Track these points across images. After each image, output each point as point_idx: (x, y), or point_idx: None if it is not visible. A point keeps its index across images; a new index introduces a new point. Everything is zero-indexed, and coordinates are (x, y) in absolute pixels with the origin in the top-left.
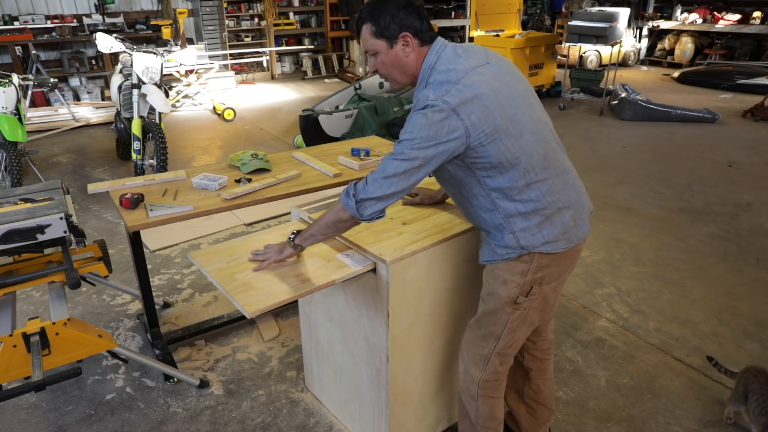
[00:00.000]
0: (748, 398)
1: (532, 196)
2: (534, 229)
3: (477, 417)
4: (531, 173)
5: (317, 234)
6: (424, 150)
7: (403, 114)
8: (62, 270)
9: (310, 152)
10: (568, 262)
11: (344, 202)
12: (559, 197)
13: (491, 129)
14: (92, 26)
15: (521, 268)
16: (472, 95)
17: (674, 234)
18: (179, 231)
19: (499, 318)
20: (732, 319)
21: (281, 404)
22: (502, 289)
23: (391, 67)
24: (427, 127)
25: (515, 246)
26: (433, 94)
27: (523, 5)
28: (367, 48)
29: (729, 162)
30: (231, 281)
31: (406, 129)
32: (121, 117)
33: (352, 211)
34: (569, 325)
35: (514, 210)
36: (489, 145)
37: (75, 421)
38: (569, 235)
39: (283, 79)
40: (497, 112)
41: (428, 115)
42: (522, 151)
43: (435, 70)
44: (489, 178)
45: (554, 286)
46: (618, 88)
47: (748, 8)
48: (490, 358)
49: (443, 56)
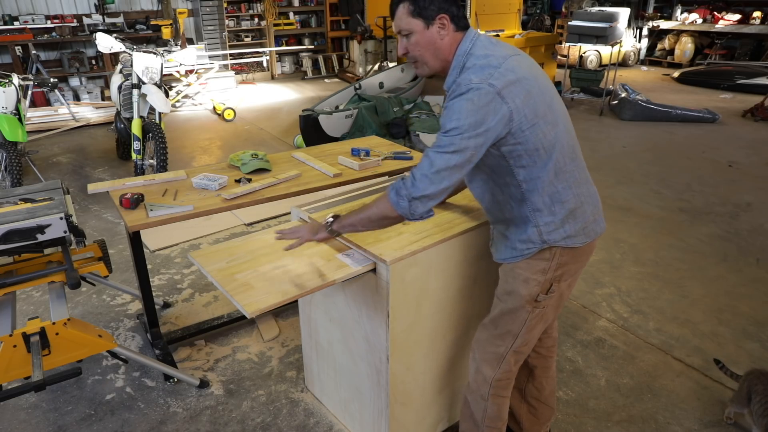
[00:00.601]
0: (752, 400)
1: (560, 188)
2: (558, 224)
3: (484, 417)
4: (561, 163)
5: (358, 225)
6: (474, 138)
7: (403, 114)
8: (62, 270)
9: (310, 152)
10: (585, 258)
11: (394, 201)
12: (582, 191)
13: (532, 114)
14: (92, 26)
15: (542, 266)
16: (515, 78)
17: (674, 234)
18: (179, 231)
19: (518, 317)
20: (732, 319)
21: (281, 404)
22: (524, 288)
23: (424, 48)
24: (474, 112)
25: (537, 240)
26: (477, 77)
27: (523, 5)
28: (402, 27)
29: (729, 162)
30: (231, 281)
31: (449, 117)
32: (121, 117)
33: (403, 210)
34: (569, 325)
35: (541, 203)
36: (528, 130)
37: (75, 421)
38: (588, 229)
39: (283, 79)
40: (538, 97)
41: (474, 99)
42: (557, 139)
43: (472, 55)
44: (522, 168)
45: (569, 283)
46: (618, 88)
47: (748, 8)
48: (505, 356)
49: (478, 43)
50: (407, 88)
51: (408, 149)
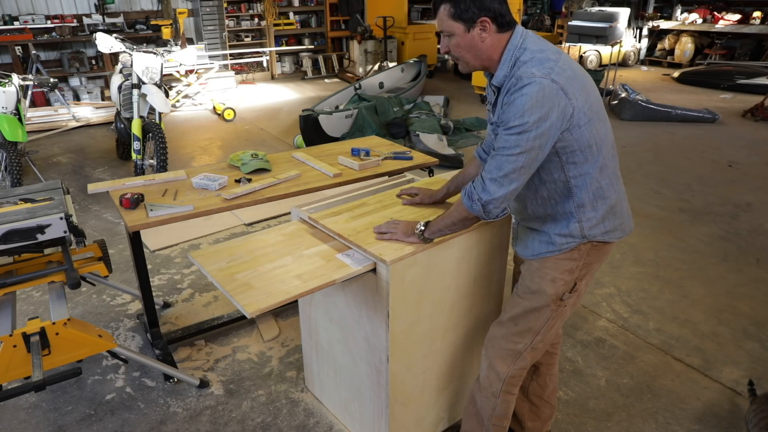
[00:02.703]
0: (749, 407)
1: (603, 184)
2: (599, 219)
3: (491, 415)
4: (607, 159)
5: (445, 230)
6: (540, 138)
7: (403, 114)
8: (62, 270)
9: (310, 152)
10: (606, 257)
11: (468, 206)
12: (619, 187)
13: (590, 110)
14: (92, 26)
15: (570, 266)
16: (572, 74)
17: (674, 234)
18: (179, 231)
19: (542, 315)
20: (732, 319)
21: (281, 404)
22: (551, 287)
23: (465, 50)
24: (539, 108)
25: (578, 235)
26: (539, 71)
27: (523, 5)
28: (443, 29)
29: (729, 162)
30: (231, 281)
31: (513, 113)
32: (121, 117)
33: (478, 213)
34: (569, 325)
35: (586, 199)
36: (585, 126)
37: (75, 421)
38: (624, 225)
39: (283, 79)
40: (592, 93)
41: (537, 95)
42: (606, 135)
43: (526, 49)
44: (573, 164)
45: (587, 281)
46: (618, 88)
47: (748, 8)
48: (523, 353)
49: (529, 38)
50: (407, 88)
51: (408, 149)
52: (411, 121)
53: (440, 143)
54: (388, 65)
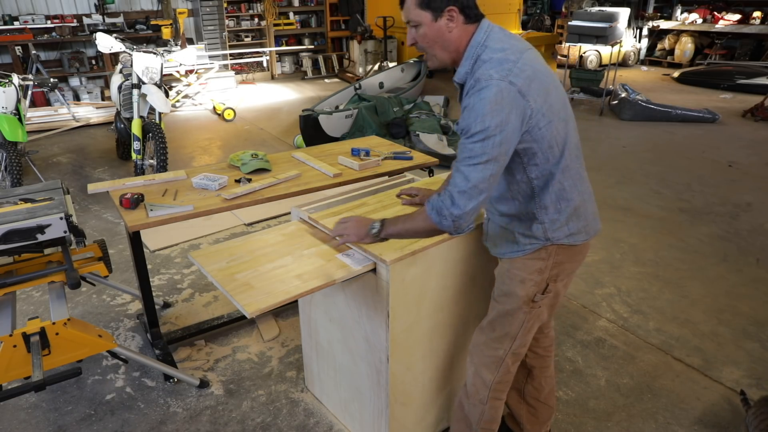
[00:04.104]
0: (748, 410)
1: (566, 185)
2: (563, 222)
3: (480, 420)
4: (568, 160)
5: (405, 234)
6: (504, 143)
7: (403, 114)
8: (62, 270)
9: (310, 152)
10: (580, 257)
11: (438, 222)
12: (584, 188)
13: (549, 111)
14: (92, 26)
15: (539, 266)
16: (532, 74)
17: (674, 234)
18: (179, 231)
19: (516, 318)
20: (732, 319)
21: (281, 404)
22: (521, 289)
23: (432, 41)
24: (498, 111)
25: (541, 237)
26: (497, 73)
27: (523, 5)
28: (410, 18)
29: (729, 162)
30: (231, 281)
31: (473, 118)
32: (121, 117)
33: (448, 229)
34: (569, 325)
35: (549, 201)
36: (545, 127)
37: (75, 421)
38: (589, 227)
39: (283, 79)
40: (554, 93)
41: (496, 98)
42: (568, 136)
43: (487, 47)
44: (535, 166)
45: (565, 283)
46: (618, 88)
47: (748, 8)
48: (504, 359)
49: (492, 35)
50: (407, 88)
51: (408, 149)
52: (411, 121)
53: (440, 143)
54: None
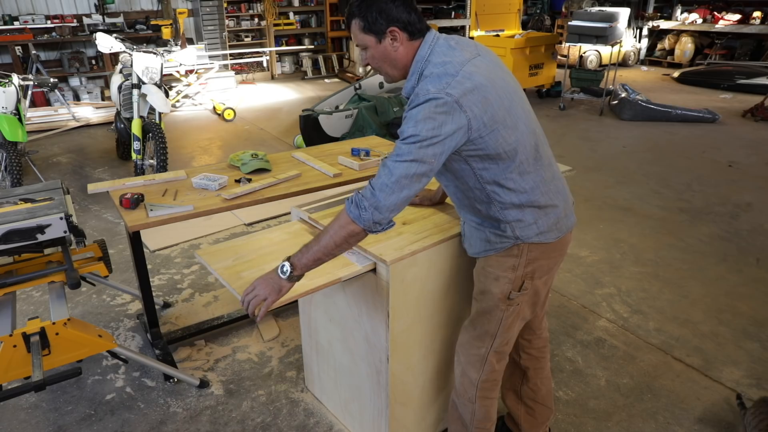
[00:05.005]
0: (747, 412)
1: (527, 188)
2: (529, 221)
3: (473, 419)
4: (525, 164)
5: (322, 257)
6: (432, 147)
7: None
8: (62, 270)
9: (310, 152)
10: (557, 254)
11: (355, 215)
12: (550, 188)
13: (491, 120)
14: (92, 26)
15: (512, 263)
16: (471, 86)
17: (674, 234)
18: (179, 231)
19: (494, 316)
20: (732, 319)
21: (281, 404)
22: (495, 286)
23: (380, 61)
24: (432, 120)
25: (511, 236)
26: (434, 87)
27: (523, 5)
28: (357, 42)
29: (729, 162)
30: (237, 279)
31: (407, 125)
32: (121, 117)
33: (366, 223)
34: (569, 325)
35: (509, 202)
36: (488, 136)
37: (75, 421)
38: (560, 225)
39: (283, 79)
40: (495, 103)
41: (431, 108)
42: (518, 142)
43: (430, 62)
44: (485, 171)
45: (545, 280)
46: (618, 88)
47: (748, 8)
48: (487, 357)
49: (436, 49)
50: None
51: None
52: None
53: None
54: None
